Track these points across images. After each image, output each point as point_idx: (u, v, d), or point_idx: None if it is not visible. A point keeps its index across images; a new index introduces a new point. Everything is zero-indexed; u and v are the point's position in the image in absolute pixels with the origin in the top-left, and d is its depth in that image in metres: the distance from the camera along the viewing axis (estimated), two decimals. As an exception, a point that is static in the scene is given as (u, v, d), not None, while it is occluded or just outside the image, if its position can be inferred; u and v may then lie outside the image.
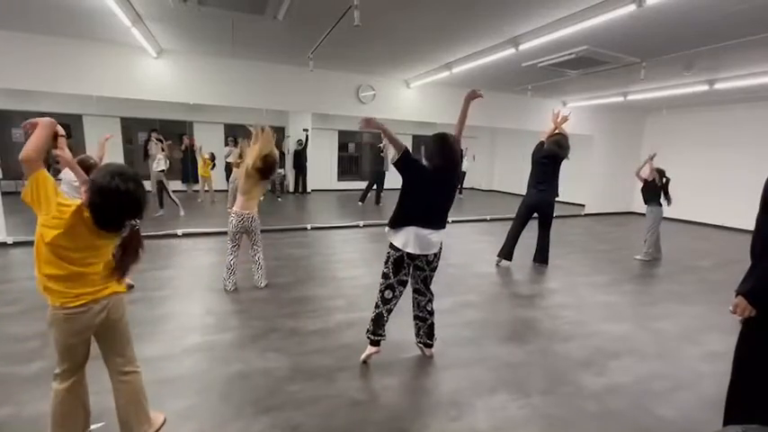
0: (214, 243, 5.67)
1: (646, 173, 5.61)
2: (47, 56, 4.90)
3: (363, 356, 2.63)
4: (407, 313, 2.77)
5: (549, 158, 4.91)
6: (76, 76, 5.10)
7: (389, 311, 2.60)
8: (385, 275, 2.58)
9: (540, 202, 5.01)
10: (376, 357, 2.64)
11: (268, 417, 2.09)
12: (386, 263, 2.59)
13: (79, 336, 1.64)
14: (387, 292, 2.57)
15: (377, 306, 2.61)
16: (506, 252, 5.05)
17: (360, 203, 9.58)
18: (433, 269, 2.65)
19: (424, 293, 2.70)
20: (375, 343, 2.61)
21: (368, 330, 2.63)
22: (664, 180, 5.58)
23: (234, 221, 3.75)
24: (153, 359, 2.55)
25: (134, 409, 1.79)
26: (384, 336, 2.62)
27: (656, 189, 5.55)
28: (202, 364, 2.57)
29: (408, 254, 2.50)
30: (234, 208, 3.81)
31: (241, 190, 3.77)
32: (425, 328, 2.73)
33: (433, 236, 2.51)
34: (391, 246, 2.55)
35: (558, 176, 5.04)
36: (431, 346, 2.77)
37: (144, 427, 1.81)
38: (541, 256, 5.13)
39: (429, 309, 2.71)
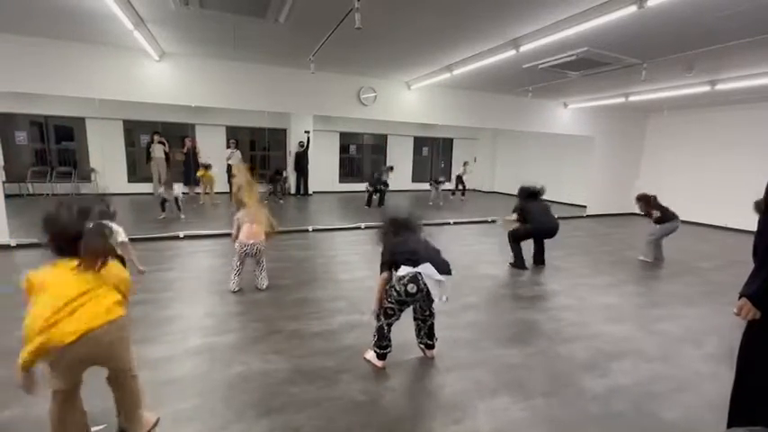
0: (215, 245, 5.68)
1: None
2: (50, 59, 4.94)
3: (369, 358, 2.66)
4: (407, 314, 2.76)
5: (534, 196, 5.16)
6: (79, 80, 5.13)
7: (390, 325, 2.60)
8: (388, 301, 2.55)
9: (554, 228, 5.09)
10: (377, 359, 2.65)
11: (269, 419, 2.09)
12: (388, 297, 2.55)
13: (78, 367, 1.67)
14: (389, 310, 2.57)
15: (377, 318, 2.60)
16: (521, 263, 5.08)
17: (367, 207, 9.52)
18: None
19: (422, 308, 2.70)
20: (382, 357, 2.61)
21: (374, 342, 2.63)
22: (652, 202, 5.50)
23: (238, 250, 3.81)
24: (154, 361, 2.55)
25: (131, 412, 1.84)
26: (390, 348, 2.63)
27: (661, 215, 5.47)
28: (204, 366, 2.57)
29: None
30: (240, 237, 3.81)
31: (242, 220, 3.84)
32: (426, 329, 2.73)
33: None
34: (394, 288, 2.53)
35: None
36: (432, 346, 2.76)
37: (136, 427, 1.85)
38: (542, 258, 5.20)
39: (426, 313, 2.71)
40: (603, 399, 2.38)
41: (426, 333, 2.73)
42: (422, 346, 2.78)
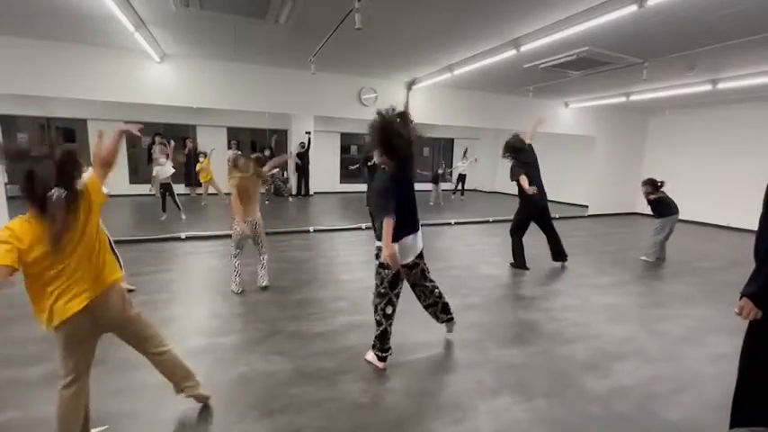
0: (217, 246, 5.69)
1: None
2: (52, 61, 4.95)
3: (369, 359, 2.67)
4: (408, 315, 2.76)
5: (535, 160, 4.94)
6: (81, 82, 5.14)
7: (392, 324, 2.62)
8: (381, 294, 2.55)
9: (546, 204, 5.01)
10: (379, 360, 2.65)
11: (270, 420, 2.09)
12: (380, 284, 2.53)
13: (86, 338, 1.70)
14: (388, 308, 2.56)
15: (379, 323, 2.59)
16: (522, 262, 5.02)
17: (367, 207, 9.56)
18: (424, 260, 2.71)
19: (424, 285, 2.75)
20: (384, 359, 2.62)
21: (374, 346, 2.63)
22: (659, 184, 5.47)
23: (237, 229, 3.79)
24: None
25: (171, 374, 2.01)
26: (391, 350, 2.64)
27: (659, 202, 5.44)
28: (205, 367, 2.56)
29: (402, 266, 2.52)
30: (236, 217, 3.83)
31: (238, 199, 3.81)
32: (440, 309, 2.84)
33: (418, 238, 2.58)
34: (382, 266, 2.50)
35: None
36: (452, 319, 2.93)
37: (185, 383, 2.04)
38: (560, 251, 5.11)
39: (436, 293, 2.79)
40: (605, 399, 2.37)
41: (442, 309, 2.86)
42: (444, 323, 2.94)
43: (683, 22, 3.70)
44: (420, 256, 2.64)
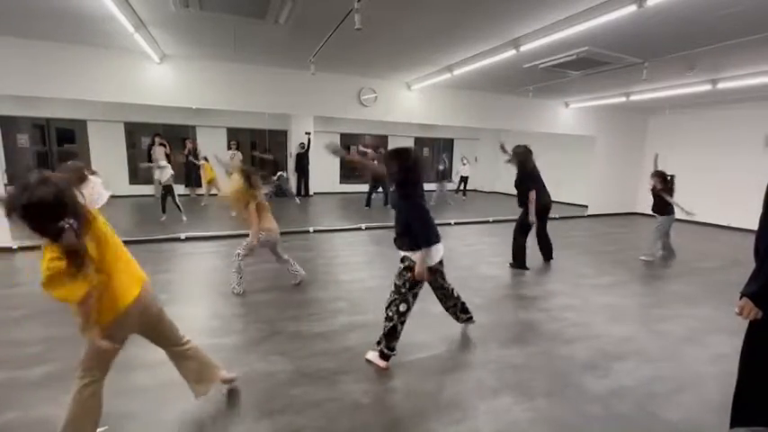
0: (217, 246, 5.69)
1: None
2: (51, 62, 4.95)
3: (370, 359, 2.67)
4: (410, 316, 2.76)
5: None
6: (81, 82, 5.14)
7: (403, 323, 2.62)
8: (401, 293, 2.58)
9: (550, 206, 5.07)
10: (379, 360, 2.65)
11: (270, 420, 2.09)
12: (402, 284, 2.57)
13: (130, 332, 1.82)
14: (402, 306, 2.58)
15: (390, 319, 2.59)
16: (522, 263, 5.03)
17: (367, 208, 9.57)
18: (443, 264, 2.81)
19: (443, 288, 2.91)
20: (387, 358, 2.62)
21: (379, 343, 2.64)
22: (669, 179, 5.52)
23: (263, 238, 3.81)
24: (156, 362, 2.54)
25: (198, 362, 2.10)
26: (396, 351, 2.64)
27: (662, 197, 5.43)
28: (205, 368, 2.57)
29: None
30: (263, 226, 3.83)
31: (262, 213, 3.84)
32: (460, 309, 3.00)
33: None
34: (408, 269, 2.54)
35: None
36: (471, 318, 3.10)
37: (208, 371, 2.13)
38: (550, 251, 5.20)
39: (455, 295, 2.95)
40: (605, 399, 2.37)
41: (462, 309, 3.03)
42: (464, 323, 3.11)
43: (683, 22, 3.70)
44: (440, 260, 2.69)
